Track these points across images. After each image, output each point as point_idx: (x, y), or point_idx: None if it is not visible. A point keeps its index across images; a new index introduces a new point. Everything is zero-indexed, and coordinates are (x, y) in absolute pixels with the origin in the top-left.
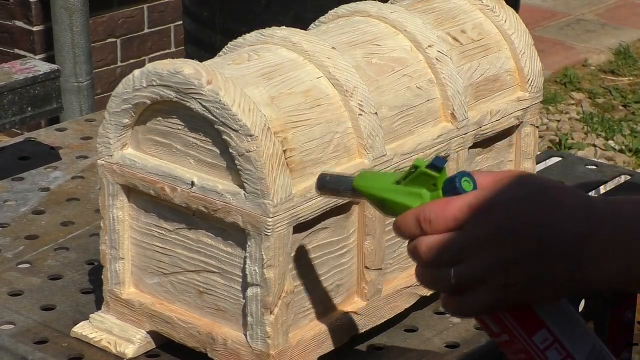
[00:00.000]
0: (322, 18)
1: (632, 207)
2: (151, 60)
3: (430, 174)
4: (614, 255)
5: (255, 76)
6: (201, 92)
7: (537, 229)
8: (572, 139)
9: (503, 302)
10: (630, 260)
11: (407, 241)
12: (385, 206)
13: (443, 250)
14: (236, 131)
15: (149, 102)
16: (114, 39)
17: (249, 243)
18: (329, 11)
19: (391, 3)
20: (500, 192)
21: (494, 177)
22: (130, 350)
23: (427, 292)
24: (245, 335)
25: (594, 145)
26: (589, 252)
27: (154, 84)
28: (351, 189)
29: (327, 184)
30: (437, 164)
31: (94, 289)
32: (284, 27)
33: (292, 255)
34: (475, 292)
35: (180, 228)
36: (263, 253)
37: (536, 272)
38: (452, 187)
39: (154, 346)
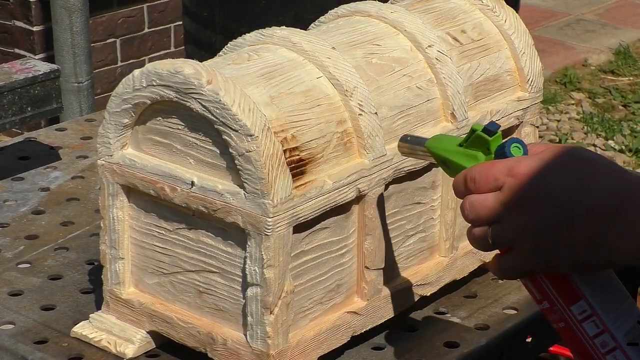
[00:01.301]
0: (322, 18)
1: None
2: (151, 60)
3: (484, 137)
4: (638, 232)
5: (255, 76)
6: (201, 92)
7: (568, 198)
8: (572, 139)
9: (531, 266)
10: None
11: (406, 241)
12: (448, 166)
13: (482, 209)
14: (236, 131)
15: (149, 102)
16: (114, 39)
17: (249, 243)
18: (329, 11)
19: (391, 3)
20: (541, 159)
21: (545, 147)
22: (130, 350)
23: (427, 292)
24: (245, 335)
25: (594, 145)
26: (615, 227)
27: (154, 84)
28: (423, 148)
29: (406, 142)
30: (490, 128)
31: (94, 289)
32: (284, 27)
33: (292, 255)
34: (510, 255)
35: (180, 228)
36: (263, 253)
37: (560, 239)
38: (501, 151)
39: (154, 346)
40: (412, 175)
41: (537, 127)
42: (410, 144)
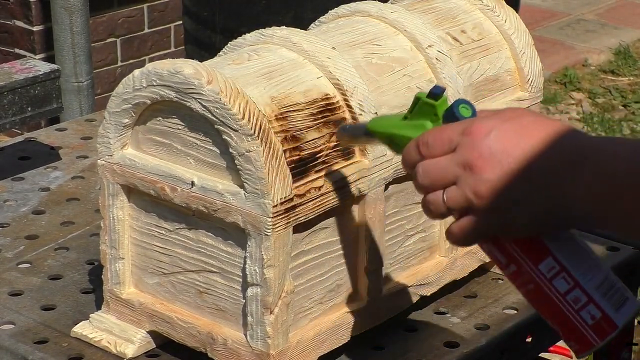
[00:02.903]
0: (322, 18)
1: (620, 146)
2: (151, 60)
3: (430, 103)
4: (594, 189)
5: (255, 76)
6: (201, 92)
7: (526, 155)
8: None
9: (492, 228)
10: (609, 193)
11: (406, 241)
12: (394, 142)
13: (436, 171)
14: (236, 131)
15: (149, 102)
16: (114, 39)
17: (249, 243)
18: (329, 11)
19: (391, 3)
20: (495, 118)
21: (496, 110)
22: (130, 350)
23: (427, 292)
24: (245, 335)
25: None
26: (575, 182)
27: (154, 84)
28: (365, 131)
29: (345, 130)
30: (435, 91)
31: (94, 289)
32: (284, 27)
33: (292, 255)
34: (468, 217)
35: (180, 228)
36: (263, 253)
37: (520, 196)
38: (451, 114)
39: (154, 346)
40: None
41: None
42: (350, 131)
